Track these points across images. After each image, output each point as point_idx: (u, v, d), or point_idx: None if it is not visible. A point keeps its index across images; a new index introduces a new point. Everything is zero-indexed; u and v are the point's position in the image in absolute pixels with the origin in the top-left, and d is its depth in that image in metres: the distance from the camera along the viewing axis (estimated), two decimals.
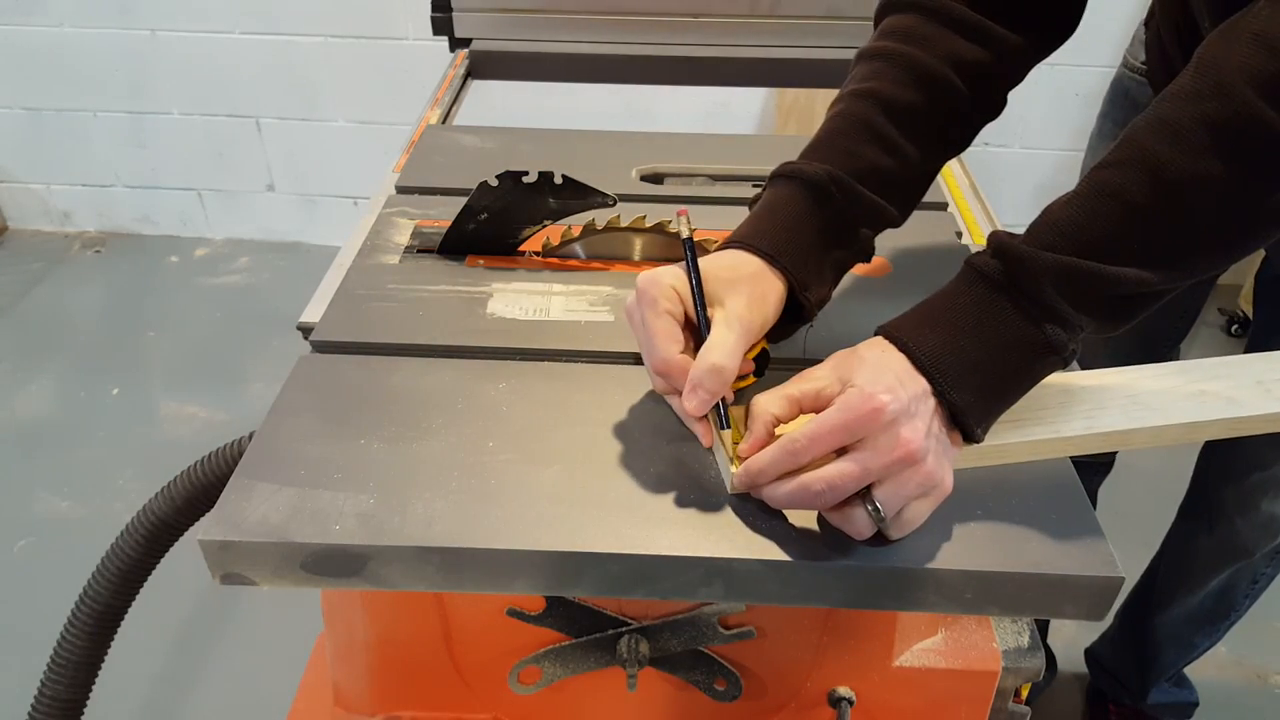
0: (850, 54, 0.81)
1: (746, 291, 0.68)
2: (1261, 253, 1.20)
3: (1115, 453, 1.42)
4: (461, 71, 1.43)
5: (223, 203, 3.07)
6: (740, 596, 0.64)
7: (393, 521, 0.63)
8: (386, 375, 0.77)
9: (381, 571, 0.62)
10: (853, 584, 0.62)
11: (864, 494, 0.61)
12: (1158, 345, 1.37)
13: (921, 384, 0.62)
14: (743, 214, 0.75)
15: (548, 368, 0.78)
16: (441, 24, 1.49)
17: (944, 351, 0.62)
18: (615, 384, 0.76)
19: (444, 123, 1.32)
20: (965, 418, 0.62)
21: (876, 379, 0.61)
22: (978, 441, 0.64)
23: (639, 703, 0.88)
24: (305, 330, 0.83)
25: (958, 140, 0.81)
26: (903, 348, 0.63)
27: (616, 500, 0.65)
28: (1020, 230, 0.64)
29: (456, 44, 1.51)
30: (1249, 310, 2.60)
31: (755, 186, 1.09)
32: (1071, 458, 0.70)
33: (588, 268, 0.92)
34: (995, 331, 0.62)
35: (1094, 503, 1.46)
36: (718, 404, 0.67)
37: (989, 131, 0.84)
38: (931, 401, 0.62)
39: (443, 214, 0.97)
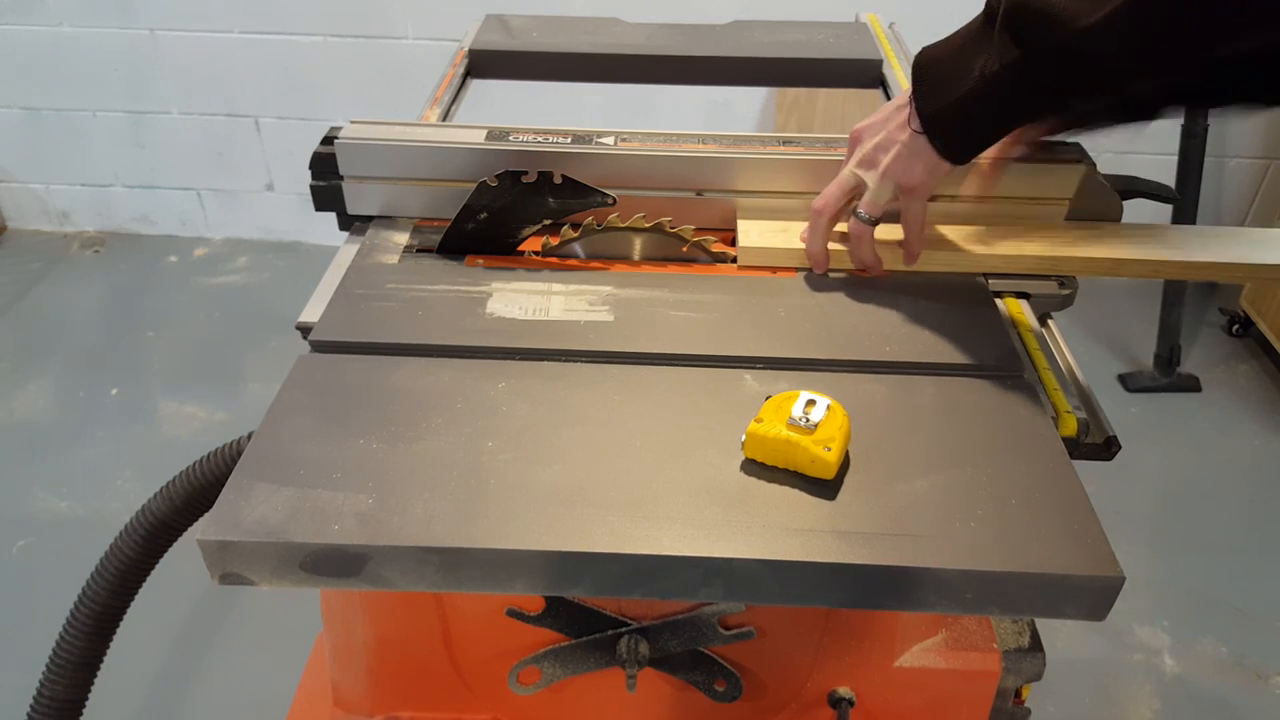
0: (849, 54, 0.81)
1: None
2: None
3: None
4: (461, 70, 1.42)
5: (222, 202, 3.07)
6: (740, 596, 0.63)
7: (392, 521, 0.63)
8: (386, 375, 0.77)
9: (381, 571, 0.62)
10: (853, 584, 0.62)
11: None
12: None
13: (904, 97, 0.76)
14: None
15: (548, 368, 0.78)
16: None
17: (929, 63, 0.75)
18: (615, 384, 0.76)
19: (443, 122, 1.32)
20: (932, 125, 0.74)
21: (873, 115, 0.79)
22: (956, 160, 0.76)
23: (639, 703, 0.88)
24: (304, 330, 0.83)
25: None
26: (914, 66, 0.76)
27: (616, 500, 0.65)
28: None
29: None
30: (1249, 310, 2.60)
31: None
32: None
33: (587, 267, 0.92)
34: (971, 53, 0.72)
35: None
36: None
37: None
38: (905, 112, 0.75)
39: None
